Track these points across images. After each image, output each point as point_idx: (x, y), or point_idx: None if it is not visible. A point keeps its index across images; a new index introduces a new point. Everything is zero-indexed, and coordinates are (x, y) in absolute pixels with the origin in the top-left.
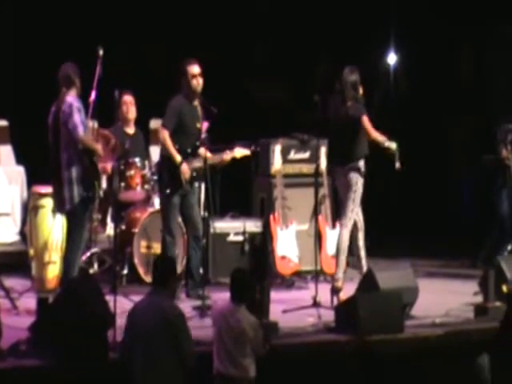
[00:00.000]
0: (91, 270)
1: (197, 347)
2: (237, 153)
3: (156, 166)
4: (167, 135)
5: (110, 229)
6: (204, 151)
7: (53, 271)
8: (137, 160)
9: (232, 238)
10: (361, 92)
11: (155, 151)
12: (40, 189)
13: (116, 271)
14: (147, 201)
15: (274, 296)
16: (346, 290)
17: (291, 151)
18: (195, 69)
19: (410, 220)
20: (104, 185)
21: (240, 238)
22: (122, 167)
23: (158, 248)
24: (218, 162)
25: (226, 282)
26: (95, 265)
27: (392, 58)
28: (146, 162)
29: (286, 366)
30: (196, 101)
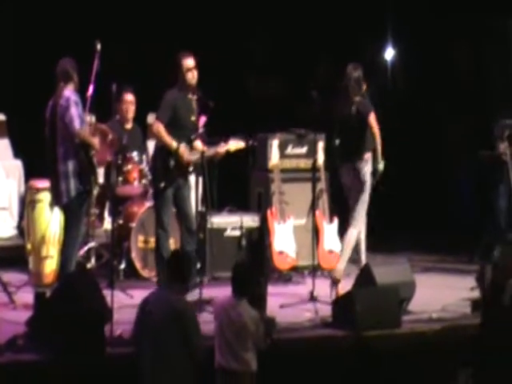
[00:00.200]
0: (88, 265)
1: None
2: (231, 145)
3: (150, 160)
4: (161, 127)
5: (108, 223)
6: (200, 144)
7: (50, 265)
8: (134, 154)
9: (229, 233)
10: (364, 88)
11: (153, 146)
12: (37, 183)
13: (113, 266)
14: (144, 195)
15: (272, 291)
16: (344, 285)
17: (288, 146)
18: (190, 62)
19: (408, 215)
20: (101, 179)
21: (237, 233)
22: (120, 162)
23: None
24: (213, 155)
25: (223, 277)
26: (92, 259)
27: (389, 53)
28: (144, 157)
29: (283, 361)
30: (191, 94)
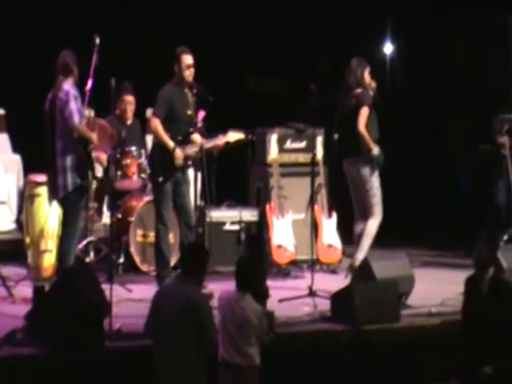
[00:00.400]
0: (87, 259)
1: None
2: (230, 137)
3: (149, 154)
4: (158, 123)
5: (106, 217)
6: (198, 137)
7: (49, 259)
8: (133, 149)
9: (228, 227)
10: (368, 83)
11: (151, 140)
12: (36, 177)
13: (112, 260)
14: (143, 189)
15: (270, 285)
16: (343, 280)
17: (287, 140)
18: (189, 59)
19: (407, 211)
20: (100, 173)
21: (236, 227)
22: (119, 156)
23: (154, 236)
24: (212, 148)
25: (222, 271)
26: (91, 253)
27: (388, 48)
28: (143, 151)
29: (282, 355)
30: (187, 88)
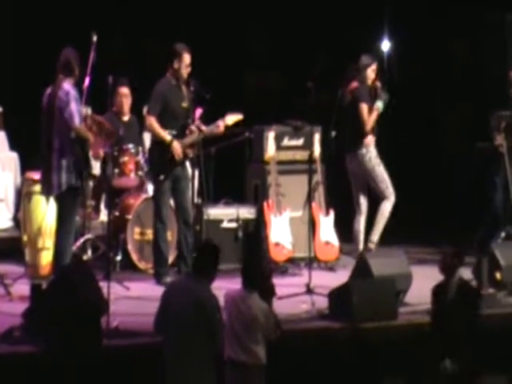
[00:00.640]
0: (85, 257)
1: None
2: (228, 120)
3: (147, 153)
4: (154, 120)
5: (104, 215)
6: (197, 126)
7: (46, 257)
8: (130, 146)
9: (225, 225)
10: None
11: (149, 137)
12: (33, 175)
13: (109, 257)
14: (141, 187)
15: None
16: (340, 277)
17: (285, 138)
18: (189, 58)
19: (404, 208)
20: (98, 171)
21: (233, 225)
22: (116, 153)
23: (152, 234)
24: (212, 132)
25: (220, 269)
26: (89, 251)
27: (386, 45)
28: (140, 149)
29: (280, 353)
30: (183, 84)
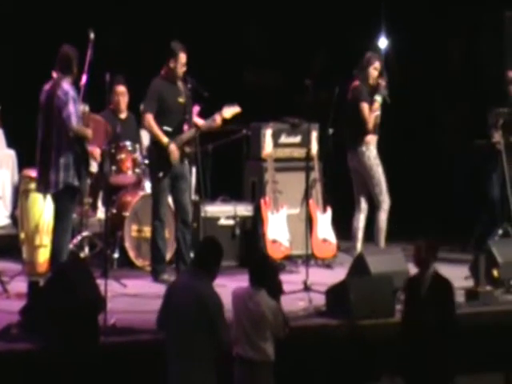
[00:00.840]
0: (82, 254)
1: None
2: (225, 112)
3: (147, 151)
4: (151, 119)
5: (101, 212)
6: (194, 122)
7: (44, 255)
8: (128, 144)
9: (223, 222)
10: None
11: (146, 135)
12: (31, 172)
13: (107, 255)
14: (138, 184)
15: None
16: (338, 274)
17: (282, 135)
18: (185, 57)
19: (401, 205)
20: (95, 169)
21: (231, 222)
22: (113, 151)
23: (149, 232)
24: (209, 127)
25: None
26: (86, 248)
27: (383, 43)
28: (137, 146)
29: (277, 350)
30: (179, 81)
